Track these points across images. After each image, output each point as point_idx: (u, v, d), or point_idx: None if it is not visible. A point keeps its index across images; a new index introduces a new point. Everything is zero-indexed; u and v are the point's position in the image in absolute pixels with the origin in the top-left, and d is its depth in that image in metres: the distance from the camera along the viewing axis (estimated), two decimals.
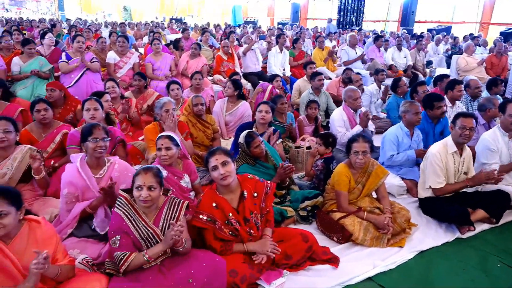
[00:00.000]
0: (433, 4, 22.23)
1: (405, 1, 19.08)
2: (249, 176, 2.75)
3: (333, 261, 2.76)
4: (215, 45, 10.40)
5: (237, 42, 9.86)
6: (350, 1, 20.29)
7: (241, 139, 3.35)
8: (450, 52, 11.72)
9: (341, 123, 4.52)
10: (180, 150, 3.10)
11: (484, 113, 4.48)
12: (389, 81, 6.87)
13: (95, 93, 4.21)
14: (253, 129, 4.00)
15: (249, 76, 7.49)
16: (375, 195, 3.33)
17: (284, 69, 7.87)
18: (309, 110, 4.94)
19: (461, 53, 9.36)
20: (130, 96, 5.22)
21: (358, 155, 3.07)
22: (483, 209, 3.33)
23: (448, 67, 10.01)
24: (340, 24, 20.25)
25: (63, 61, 5.76)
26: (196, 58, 7.26)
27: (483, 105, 4.50)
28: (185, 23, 19.07)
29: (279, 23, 22.20)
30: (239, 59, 7.94)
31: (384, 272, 2.74)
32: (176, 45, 8.57)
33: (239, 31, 15.17)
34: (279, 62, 7.86)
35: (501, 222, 3.40)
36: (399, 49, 8.68)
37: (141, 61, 7.19)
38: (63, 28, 13.53)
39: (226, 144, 4.76)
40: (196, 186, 3.25)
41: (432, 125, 4.36)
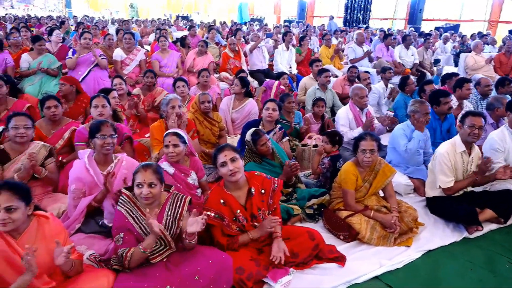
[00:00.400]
0: (441, 2, 22.05)
1: None
2: (256, 173, 2.75)
3: (340, 259, 2.75)
4: (221, 42, 10.39)
5: (243, 40, 9.85)
6: None
7: (248, 136, 3.35)
8: (458, 50, 11.62)
9: (345, 121, 4.50)
10: (187, 147, 3.11)
11: (492, 112, 4.44)
12: (395, 79, 6.84)
13: (102, 90, 4.23)
14: (260, 126, 4.00)
15: (255, 74, 7.48)
16: (382, 193, 3.32)
17: (290, 67, 7.85)
18: (316, 108, 4.92)
19: (469, 52, 9.28)
20: (138, 93, 5.23)
21: (366, 153, 3.06)
22: (491, 208, 3.30)
23: (456, 65, 9.94)
24: (347, 22, 20.16)
25: (69, 58, 5.81)
26: (203, 55, 7.26)
27: (491, 104, 4.47)
28: (191, 20, 19.06)
29: (285, 21, 22.15)
30: (245, 56, 7.93)
31: (391, 271, 2.73)
32: (182, 42, 8.58)
33: (245, 28, 15.15)
34: (286, 60, 7.84)
35: (510, 222, 3.37)
36: (406, 47, 8.62)
37: (147, 58, 7.21)
38: (71, 25, 13.58)
39: (232, 141, 4.75)
40: (203, 183, 3.25)
41: (439, 122, 4.33)
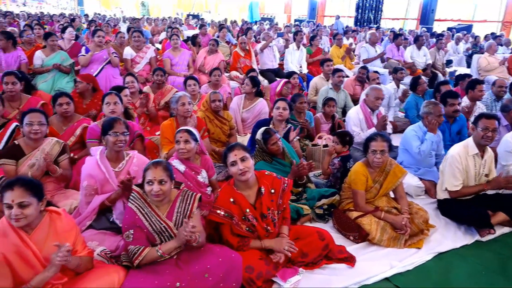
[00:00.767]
0: (453, 2, 21.82)
1: None
2: (266, 173, 2.75)
3: (349, 260, 2.74)
4: (232, 41, 10.40)
5: (253, 39, 9.84)
6: None
7: (259, 135, 3.34)
8: (470, 51, 11.49)
9: (356, 122, 4.47)
10: (199, 146, 3.12)
11: (507, 114, 4.38)
12: (406, 79, 6.78)
13: (115, 88, 4.26)
14: (270, 126, 3.99)
15: (266, 73, 7.47)
16: (392, 195, 3.29)
17: (301, 67, 7.83)
18: (327, 108, 4.90)
19: (482, 53, 9.17)
20: (148, 91, 5.25)
21: (376, 154, 3.04)
22: (504, 212, 3.26)
23: (468, 66, 9.84)
24: (358, 22, 20.04)
25: (82, 55, 5.86)
26: (214, 54, 7.26)
27: (506, 106, 4.40)
28: (202, 19, 19.11)
29: (295, 20, 22.10)
30: (256, 55, 7.92)
31: (401, 273, 2.71)
32: (193, 41, 8.60)
33: (255, 27, 15.13)
34: (296, 60, 7.82)
35: None
36: (418, 47, 8.55)
37: (158, 56, 7.24)
38: (82, 23, 13.69)
39: (242, 140, 4.75)
40: (213, 182, 3.26)
41: (448, 124, 4.28)
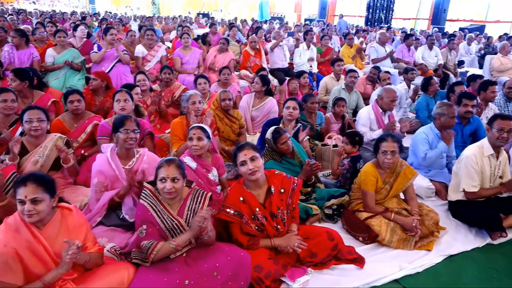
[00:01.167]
0: (466, 2, 21.58)
1: None
2: (276, 172, 2.74)
3: (359, 261, 2.73)
4: (242, 40, 10.40)
5: (263, 38, 9.83)
6: None
7: (268, 134, 3.34)
8: (483, 52, 11.35)
9: (366, 121, 4.44)
10: (211, 143, 3.13)
11: None
12: (417, 80, 6.72)
13: (126, 85, 4.29)
14: (280, 125, 3.99)
15: (276, 72, 7.46)
16: (403, 196, 3.26)
17: (311, 66, 7.80)
18: (337, 108, 4.88)
19: (494, 53, 9.05)
20: (157, 89, 5.28)
21: (387, 154, 3.02)
22: None
23: (481, 67, 9.72)
24: (369, 22, 19.92)
25: (94, 52, 5.90)
26: (224, 53, 7.27)
27: None
28: (212, 17, 19.15)
29: (306, 19, 22.03)
30: (266, 54, 7.91)
31: (411, 275, 2.69)
32: (203, 39, 8.62)
33: (265, 26, 15.11)
34: (307, 59, 7.79)
35: None
36: (430, 48, 8.47)
37: (168, 55, 7.26)
38: (93, 21, 13.80)
39: (252, 139, 4.75)
40: (223, 181, 3.27)
41: (461, 126, 4.23)
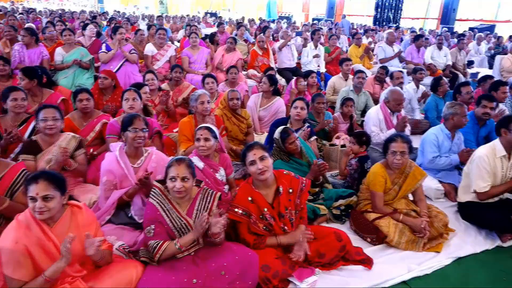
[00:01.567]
0: (475, 2, 21.38)
1: None
2: (284, 172, 2.74)
3: (367, 262, 2.72)
4: (249, 39, 10.40)
5: (271, 37, 9.82)
6: None
7: (277, 134, 3.34)
8: (492, 52, 11.24)
9: (376, 122, 4.42)
10: (218, 143, 3.13)
11: None
12: (426, 80, 6.66)
13: (135, 85, 4.30)
14: (288, 125, 3.98)
15: (283, 72, 7.45)
16: (411, 197, 3.24)
17: (319, 66, 7.78)
18: (345, 108, 4.86)
19: (505, 53, 8.96)
20: (166, 88, 5.30)
21: (396, 155, 3.00)
22: None
23: (490, 67, 9.63)
24: (377, 21, 19.81)
25: (102, 52, 5.94)
26: (232, 52, 7.26)
27: None
28: (220, 17, 19.17)
29: (313, 19, 21.96)
30: (273, 54, 7.90)
31: (419, 277, 2.68)
32: (211, 39, 8.63)
33: (273, 26, 15.10)
34: (314, 59, 7.77)
35: None
36: (439, 48, 8.41)
37: (177, 54, 7.28)
38: (102, 20, 13.87)
39: (259, 139, 4.75)
40: (231, 180, 3.27)
41: (477, 127, 4.19)
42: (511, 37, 13.18)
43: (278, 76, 7.07)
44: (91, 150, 3.71)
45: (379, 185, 3.07)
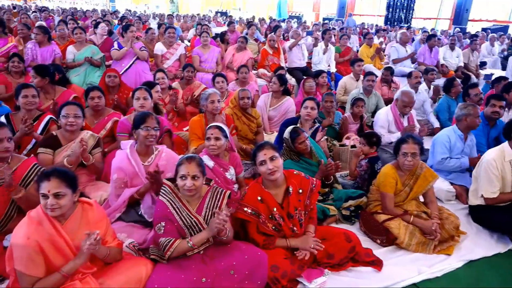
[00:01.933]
0: (489, 2, 21.10)
1: None
2: (295, 172, 2.73)
3: (376, 263, 2.70)
4: (260, 39, 10.39)
5: (281, 37, 9.79)
6: None
7: (286, 134, 3.33)
8: (506, 53, 11.08)
9: (384, 123, 4.38)
10: (228, 142, 3.13)
11: None
12: (439, 81, 6.59)
13: (146, 83, 4.32)
14: (298, 125, 3.97)
15: (293, 71, 7.43)
16: (422, 199, 3.21)
17: (329, 65, 7.75)
18: (355, 108, 4.83)
19: None
20: (177, 87, 5.32)
21: (407, 156, 2.98)
22: None
23: (503, 69, 9.49)
24: (388, 21, 19.66)
25: (115, 49, 5.96)
26: (242, 51, 7.27)
27: None
28: (230, 16, 19.20)
29: (324, 19, 21.86)
30: (284, 53, 7.89)
31: (430, 279, 2.65)
32: (222, 38, 8.63)
33: (283, 25, 15.07)
34: (325, 58, 7.75)
35: None
36: (451, 48, 8.31)
37: (187, 53, 7.31)
38: (113, 19, 13.98)
39: (269, 138, 4.74)
40: (240, 179, 3.27)
41: (488, 128, 4.14)
42: None
43: (288, 76, 7.06)
44: None
45: (389, 186, 3.04)
